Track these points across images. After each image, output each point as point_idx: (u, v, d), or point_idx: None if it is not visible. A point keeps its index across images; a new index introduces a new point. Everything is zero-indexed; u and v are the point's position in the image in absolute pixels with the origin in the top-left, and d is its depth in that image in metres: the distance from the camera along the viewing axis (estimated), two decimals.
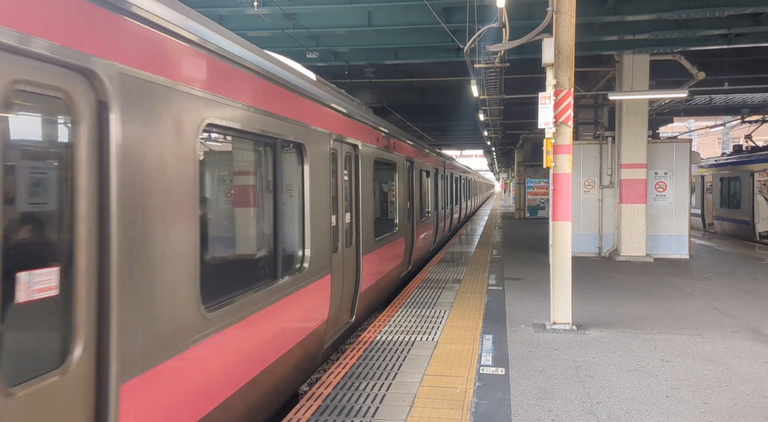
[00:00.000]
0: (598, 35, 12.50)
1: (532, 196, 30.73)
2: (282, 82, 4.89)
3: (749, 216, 19.26)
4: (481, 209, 43.74)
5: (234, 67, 3.98)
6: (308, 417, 4.50)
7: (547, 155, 7.34)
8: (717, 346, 6.60)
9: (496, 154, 49.19)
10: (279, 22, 11.88)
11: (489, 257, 14.21)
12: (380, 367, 5.73)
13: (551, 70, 7.41)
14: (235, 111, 3.96)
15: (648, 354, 6.31)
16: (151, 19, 3.02)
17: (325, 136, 6.12)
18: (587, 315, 8.07)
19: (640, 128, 13.86)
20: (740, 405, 4.87)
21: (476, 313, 8.08)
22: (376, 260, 8.52)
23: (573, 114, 7.47)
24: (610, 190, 14.64)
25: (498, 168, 70.63)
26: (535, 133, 25.75)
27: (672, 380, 5.48)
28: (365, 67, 17.20)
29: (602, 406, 4.84)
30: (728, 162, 21.30)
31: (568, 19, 7.35)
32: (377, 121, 9.31)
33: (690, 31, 11.94)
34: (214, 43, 3.73)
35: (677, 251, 14.35)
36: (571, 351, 6.39)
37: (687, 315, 8.11)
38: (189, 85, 3.38)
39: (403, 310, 8.28)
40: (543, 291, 9.25)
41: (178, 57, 3.31)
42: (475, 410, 4.69)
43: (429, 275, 11.42)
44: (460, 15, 11.50)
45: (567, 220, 7.39)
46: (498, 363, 5.90)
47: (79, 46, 2.51)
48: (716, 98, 22.54)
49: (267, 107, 4.53)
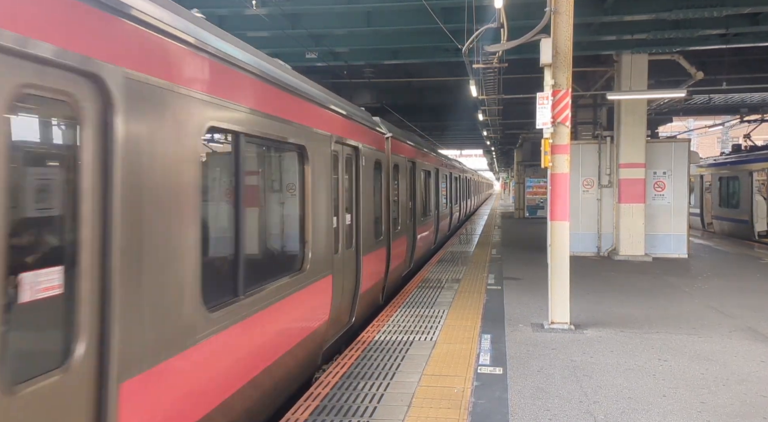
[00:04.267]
0: (597, 35, 12.52)
1: (532, 195, 30.76)
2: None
3: (748, 215, 19.28)
4: (481, 209, 43.76)
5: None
6: (306, 417, 4.52)
7: (545, 155, 7.36)
8: (714, 346, 6.62)
9: (495, 154, 49.23)
10: (278, 22, 11.90)
11: (488, 257, 14.23)
12: (379, 367, 5.75)
13: (549, 70, 7.43)
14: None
15: (645, 353, 6.33)
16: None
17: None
18: (585, 315, 8.09)
19: (639, 128, 13.88)
20: (737, 404, 4.89)
21: (475, 313, 8.10)
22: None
23: (571, 114, 7.50)
24: (609, 190, 14.67)
25: (497, 167, 70.66)
26: (534, 133, 25.76)
27: (669, 379, 5.50)
28: (364, 68, 17.23)
29: (599, 406, 4.86)
30: (727, 161, 21.32)
31: (566, 20, 7.37)
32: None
33: (688, 30, 11.97)
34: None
35: (676, 251, 14.37)
36: (568, 351, 6.41)
37: (685, 315, 8.13)
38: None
39: (402, 310, 8.30)
40: (542, 291, 9.26)
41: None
42: (472, 410, 4.71)
43: (428, 275, 11.44)
44: (458, 16, 11.51)
45: (565, 220, 7.41)
46: (496, 363, 5.92)
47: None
48: (715, 98, 22.56)
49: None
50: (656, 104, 19.50)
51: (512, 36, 9.15)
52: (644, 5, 11.21)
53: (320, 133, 5.93)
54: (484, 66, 11.75)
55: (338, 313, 6.67)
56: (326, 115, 6.19)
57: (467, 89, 15.36)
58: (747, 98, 23.52)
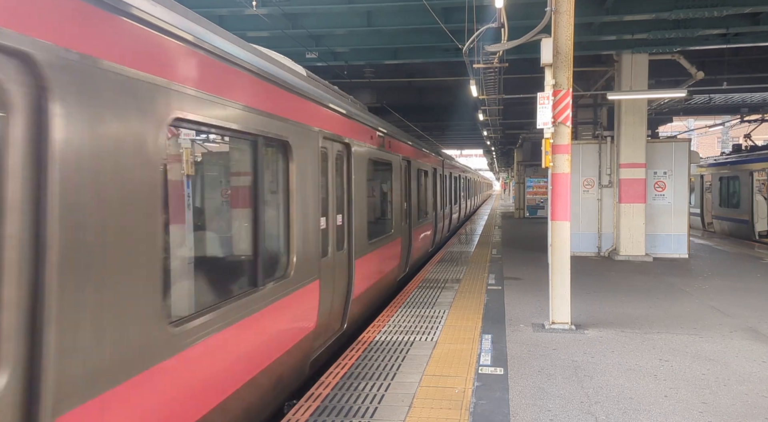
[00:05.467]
0: (597, 35, 12.51)
1: (532, 195, 30.76)
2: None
3: (748, 215, 19.27)
4: (481, 208, 43.74)
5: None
6: (307, 418, 4.50)
7: (546, 155, 7.35)
8: (716, 346, 6.61)
9: (495, 154, 49.21)
10: (278, 22, 11.89)
11: (488, 256, 14.22)
12: (379, 367, 5.74)
13: (550, 70, 7.42)
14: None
15: (647, 353, 6.32)
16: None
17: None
18: (586, 315, 8.08)
19: (639, 128, 13.87)
20: (738, 404, 4.88)
21: (475, 313, 8.09)
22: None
23: (572, 114, 7.48)
24: (609, 190, 14.66)
25: (498, 167, 70.65)
26: (534, 133, 25.77)
27: (670, 380, 5.49)
28: (365, 67, 17.21)
29: (601, 406, 4.85)
30: (727, 161, 21.31)
31: (566, 19, 7.36)
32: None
33: (689, 30, 11.95)
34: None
35: (676, 250, 14.36)
36: (569, 351, 6.40)
37: (686, 315, 8.12)
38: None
39: (402, 310, 8.29)
40: (542, 291, 9.26)
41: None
42: (473, 410, 4.70)
43: (428, 275, 11.43)
44: (459, 15, 11.52)
45: (566, 220, 7.40)
46: (497, 363, 5.91)
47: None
48: (715, 98, 22.56)
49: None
50: (656, 104, 19.48)
51: (512, 36, 9.14)
52: (645, 5, 11.19)
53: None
54: (485, 66, 11.73)
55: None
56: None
57: (467, 89, 15.35)
58: (747, 98, 23.52)
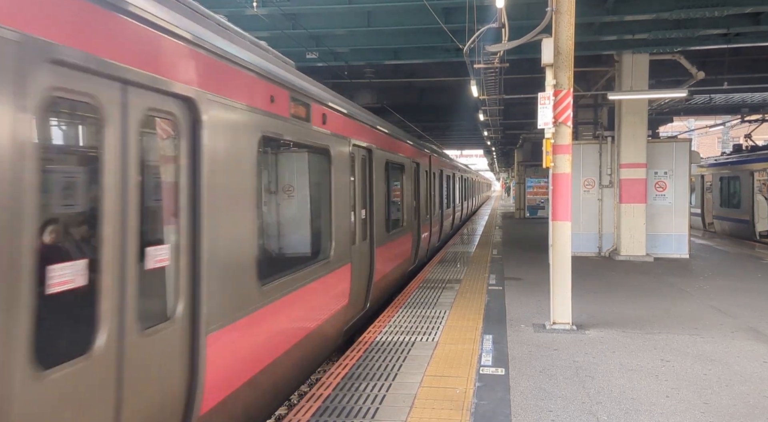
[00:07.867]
0: (598, 35, 12.50)
1: (532, 195, 30.75)
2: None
3: (749, 215, 19.25)
4: (482, 208, 43.75)
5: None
6: (308, 418, 4.50)
7: (547, 155, 7.34)
8: (717, 346, 6.61)
9: (496, 154, 49.19)
10: (279, 22, 11.88)
11: (489, 257, 14.22)
12: (380, 368, 5.73)
13: (550, 70, 7.41)
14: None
15: (648, 354, 6.32)
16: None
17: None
18: (587, 315, 8.07)
19: (640, 128, 13.86)
20: (740, 405, 4.87)
21: (476, 313, 8.08)
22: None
23: (572, 114, 7.47)
24: (610, 190, 14.64)
25: (498, 167, 70.62)
26: (534, 133, 25.75)
27: (672, 380, 5.48)
28: (365, 68, 17.20)
29: (602, 406, 4.84)
30: (728, 161, 21.30)
31: (567, 19, 7.35)
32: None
33: (689, 30, 11.95)
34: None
35: (677, 251, 14.34)
36: (571, 352, 6.39)
37: (687, 315, 8.11)
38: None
39: (403, 310, 8.28)
40: (543, 291, 9.24)
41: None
42: (474, 410, 4.69)
43: (429, 275, 11.43)
44: (459, 15, 11.50)
45: (567, 220, 7.39)
46: (498, 364, 5.90)
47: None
48: (716, 98, 22.54)
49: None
50: (657, 104, 19.47)
51: (513, 36, 9.14)
52: (645, 5, 11.19)
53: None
54: (485, 66, 11.73)
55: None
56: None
57: (468, 89, 15.35)
58: (748, 98, 23.50)
